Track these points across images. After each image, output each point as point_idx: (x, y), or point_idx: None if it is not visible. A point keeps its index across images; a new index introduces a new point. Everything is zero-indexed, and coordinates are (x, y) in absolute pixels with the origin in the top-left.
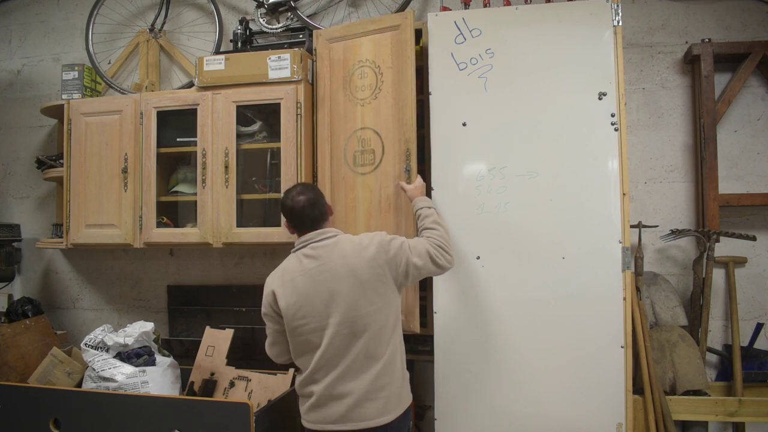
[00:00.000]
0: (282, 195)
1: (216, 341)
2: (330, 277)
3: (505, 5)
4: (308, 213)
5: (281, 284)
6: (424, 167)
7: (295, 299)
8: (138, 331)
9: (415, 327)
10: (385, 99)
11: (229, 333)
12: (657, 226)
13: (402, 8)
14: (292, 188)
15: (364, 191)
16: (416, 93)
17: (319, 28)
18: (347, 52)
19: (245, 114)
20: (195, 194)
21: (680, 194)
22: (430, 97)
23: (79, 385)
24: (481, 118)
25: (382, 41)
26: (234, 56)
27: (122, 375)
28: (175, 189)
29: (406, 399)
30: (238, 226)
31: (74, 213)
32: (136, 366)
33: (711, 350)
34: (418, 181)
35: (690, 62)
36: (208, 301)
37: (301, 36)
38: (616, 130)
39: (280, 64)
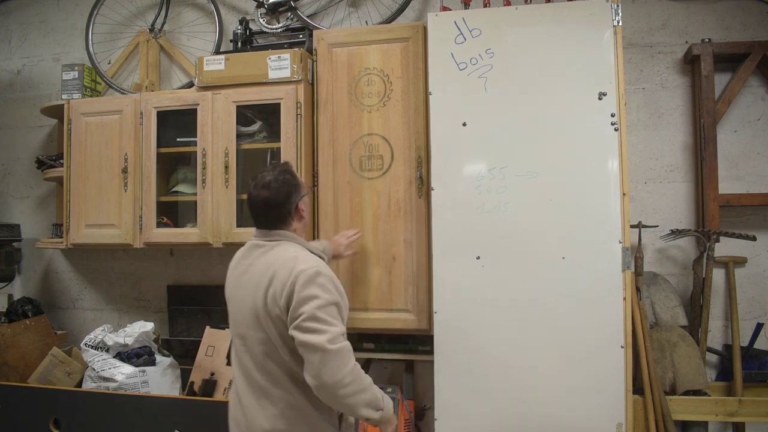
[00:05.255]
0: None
1: (216, 341)
2: (248, 282)
3: (505, 5)
4: (263, 213)
5: (231, 267)
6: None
7: (228, 289)
8: (138, 331)
9: (429, 327)
10: (395, 107)
11: (229, 333)
12: (657, 226)
13: (402, 9)
14: (262, 175)
15: (371, 195)
16: None
17: (320, 28)
18: (352, 57)
19: (245, 114)
20: (195, 194)
21: (680, 194)
22: (430, 97)
23: (79, 385)
24: (481, 118)
25: (390, 51)
26: (234, 56)
27: (122, 375)
28: (175, 189)
29: None
30: (238, 226)
31: (74, 213)
32: (136, 366)
33: (711, 350)
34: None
35: (690, 62)
36: (208, 301)
37: (301, 36)
38: (616, 130)
39: (280, 64)
